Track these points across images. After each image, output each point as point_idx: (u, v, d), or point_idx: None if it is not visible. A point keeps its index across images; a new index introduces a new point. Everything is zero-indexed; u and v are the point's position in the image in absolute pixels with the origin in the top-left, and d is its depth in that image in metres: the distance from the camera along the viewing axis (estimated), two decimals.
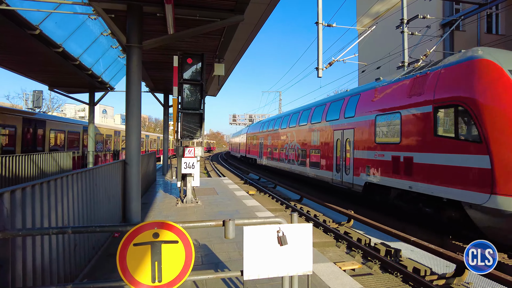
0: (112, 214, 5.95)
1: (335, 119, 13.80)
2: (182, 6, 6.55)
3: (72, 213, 3.73)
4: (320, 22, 13.32)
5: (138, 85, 6.24)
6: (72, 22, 9.73)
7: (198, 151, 8.35)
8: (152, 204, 9.07)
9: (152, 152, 14.07)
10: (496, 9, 18.15)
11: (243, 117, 55.44)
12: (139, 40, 6.14)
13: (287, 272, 2.48)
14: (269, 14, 7.60)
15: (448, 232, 8.35)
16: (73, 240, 3.73)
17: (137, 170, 6.20)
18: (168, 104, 17.19)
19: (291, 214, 2.63)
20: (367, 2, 24.04)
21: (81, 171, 4.13)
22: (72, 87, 15.88)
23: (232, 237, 2.43)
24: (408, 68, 12.23)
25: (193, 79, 8.15)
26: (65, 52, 10.03)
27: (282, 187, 16.86)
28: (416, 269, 6.03)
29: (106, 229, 2.44)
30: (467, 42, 18.11)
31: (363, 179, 11.34)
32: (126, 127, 6.23)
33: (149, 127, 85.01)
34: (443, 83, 8.24)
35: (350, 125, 12.51)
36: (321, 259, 4.99)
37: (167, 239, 2.35)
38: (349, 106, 12.94)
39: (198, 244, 5.53)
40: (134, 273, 2.30)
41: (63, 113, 55.33)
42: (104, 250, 5.10)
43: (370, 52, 22.70)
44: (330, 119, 14.37)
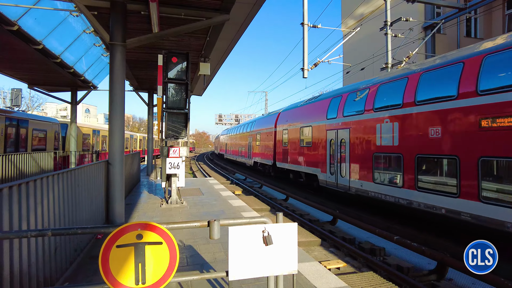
0: (95, 216, 5.83)
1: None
2: (167, 4, 6.47)
3: (52, 215, 3.64)
4: (305, 23, 13.44)
5: (122, 84, 6.13)
6: (53, 19, 9.48)
7: (183, 151, 8.27)
8: (136, 205, 8.94)
9: (136, 152, 13.86)
10: (474, 14, 18.73)
11: (229, 117, 55.31)
12: (123, 38, 6.03)
13: (273, 272, 2.49)
14: (255, 13, 7.59)
15: (430, 230, 8.56)
16: (54, 243, 3.63)
17: (121, 170, 6.09)
18: (152, 104, 16.96)
19: (276, 214, 2.64)
20: (351, 4, 24.38)
21: (62, 171, 4.03)
22: (54, 86, 15.47)
23: (217, 238, 2.42)
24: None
25: (178, 78, 8.06)
26: (46, 50, 9.76)
27: (268, 187, 16.91)
28: (399, 266, 6.14)
29: (88, 230, 2.38)
30: (447, 45, 18.62)
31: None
32: (110, 126, 6.11)
33: (133, 126, 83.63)
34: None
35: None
36: (306, 258, 5.02)
37: (151, 240, 2.32)
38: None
39: (183, 245, 5.48)
40: (117, 275, 2.25)
41: (44, 112, 53.80)
42: (87, 253, 4.99)
43: (354, 53, 23.02)
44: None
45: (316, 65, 14.00)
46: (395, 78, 10.22)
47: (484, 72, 7.28)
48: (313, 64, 14.03)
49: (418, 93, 8.98)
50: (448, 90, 8.10)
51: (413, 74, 9.41)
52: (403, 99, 9.43)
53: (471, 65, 7.64)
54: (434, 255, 6.15)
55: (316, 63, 14.04)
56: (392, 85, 10.22)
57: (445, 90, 8.25)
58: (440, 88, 8.43)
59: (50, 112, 60.78)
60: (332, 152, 13.16)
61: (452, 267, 5.81)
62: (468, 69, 7.69)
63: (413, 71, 9.58)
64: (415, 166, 8.74)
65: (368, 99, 10.99)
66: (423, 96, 8.81)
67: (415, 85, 9.15)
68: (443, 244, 7.46)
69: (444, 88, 8.31)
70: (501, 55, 7.01)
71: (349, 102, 12.22)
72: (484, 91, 7.20)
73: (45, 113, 53.29)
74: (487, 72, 7.24)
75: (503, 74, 6.95)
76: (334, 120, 13.03)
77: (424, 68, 9.16)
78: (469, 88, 7.53)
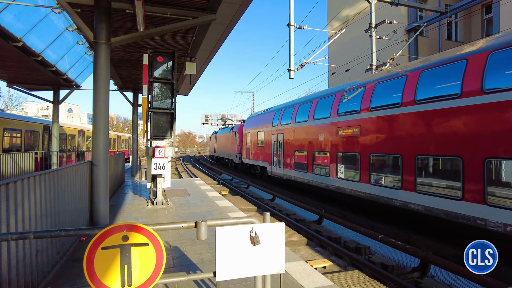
0: (79, 217, 5.70)
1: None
2: (153, 3, 6.40)
3: (34, 218, 3.54)
4: (291, 24, 13.51)
5: (106, 83, 6.02)
6: (34, 15, 9.20)
7: (169, 152, 8.18)
8: (121, 207, 8.78)
9: (121, 153, 13.62)
10: (455, 18, 19.26)
11: (215, 117, 54.95)
12: (107, 37, 5.92)
13: (260, 272, 2.49)
14: (241, 14, 7.58)
15: (411, 228, 8.77)
16: (35, 246, 3.53)
17: (105, 171, 5.97)
18: (137, 103, 16.70)
19: (263, 214, 2.64)
20: (337, 6, 24.67)
21: (44, 172, 3.92)
22: (34, 84, 15.02)
23: (204, 239, 2.41)
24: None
25: (164, 77, 7.98)
26: (26, 47, 9.47)
27: (255, 187, 16.92)
28: (384, 264, 6.26)
29: (72, 233, 2.33)
30: (430, 48, 19.08)
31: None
32: (94, 127, 5.99)
33: (117, 126, 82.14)
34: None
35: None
36: (293, 258, 5.05)
37: (137, 242, 2.29)
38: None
39: (169, 246, 5.42)
40: (103, 278, 2.22)
41: (24, 111, 52.25)
42: (70, 255, 4.88)
43: (340, 55, 23.31)
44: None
45: (302, 66, 14.10)
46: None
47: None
48: (299, 65, 14.12)
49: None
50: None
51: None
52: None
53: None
54: (417, 253, 6.30)
55: (302, 64, 14.14)
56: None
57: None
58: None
59: (31, 111, 59.03)
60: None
61: (434, 264, 5.97)
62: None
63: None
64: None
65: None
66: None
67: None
68: (426, 242, 7.65)
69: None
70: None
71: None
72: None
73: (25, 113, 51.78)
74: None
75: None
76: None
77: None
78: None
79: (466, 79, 7.27)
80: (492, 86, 6.75)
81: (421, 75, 8.54)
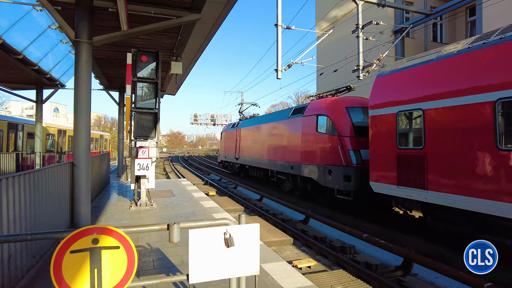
0: (58, 220, 5.58)
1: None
2: (136, 2, 6.31)
3: (6, 221, 3.43)
4: (279, 24, 13.50)
5: (88, 82, 5.90)
6: (15, 12, 8.96)
7: (153, 152, 8.08)
8: (104, 208, 8.64)
9: (105, 153, 13.41)
10: (440, 19, 19.59)
11: (204, 116, 54.71)
12: (89, 35, 5.79)
13: (234, 273, 2.47)
14: (227, 13, 7.55)
15: (398, 227, 8.87)
16: (8, 250, 3.43)
17: (86, 172, 5.85)
18: (123, 103, 16.47)
19: (239, 215, 2.62)
20: (325, 6, 24.81)
21: (19, 174, 3.82)
22: (16, 83, 14.63)
23: (177, 241, 2.37)
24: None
25: (148, 77, 7.88)
26: (6, 45, 9.20)
27: (243, 187, 16.87)
28: (368, 263, 6.30)
29: (40, 236, 2.27)
30: (416, 49, 19.35)
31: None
32: (75, 126, 5.86)
33: (105, 126, 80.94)
34: None
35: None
36: (275, 258, 5.05)
37: (107, 244, 2.24)
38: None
39: (151, 248, 5.35)
40: (71, 283, 2.16)
41: (7, 111, 51.07)
42: (47, 259, 4.76)
43: (328, 55, 23.44)
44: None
45: (290, 66, 14.12)
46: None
47: None
48: (287, 65, 14.14)
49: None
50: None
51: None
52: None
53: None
54: (401, 251, 6.35)
55: (290, 64, 14.16)
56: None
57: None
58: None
59: (15, 111, 57.74)
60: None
61: (417, 262, 6.04)
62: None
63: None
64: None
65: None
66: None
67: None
68: (409, 240, 7.74)
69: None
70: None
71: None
72: None
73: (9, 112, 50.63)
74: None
75: None
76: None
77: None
78: None
79: None
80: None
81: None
